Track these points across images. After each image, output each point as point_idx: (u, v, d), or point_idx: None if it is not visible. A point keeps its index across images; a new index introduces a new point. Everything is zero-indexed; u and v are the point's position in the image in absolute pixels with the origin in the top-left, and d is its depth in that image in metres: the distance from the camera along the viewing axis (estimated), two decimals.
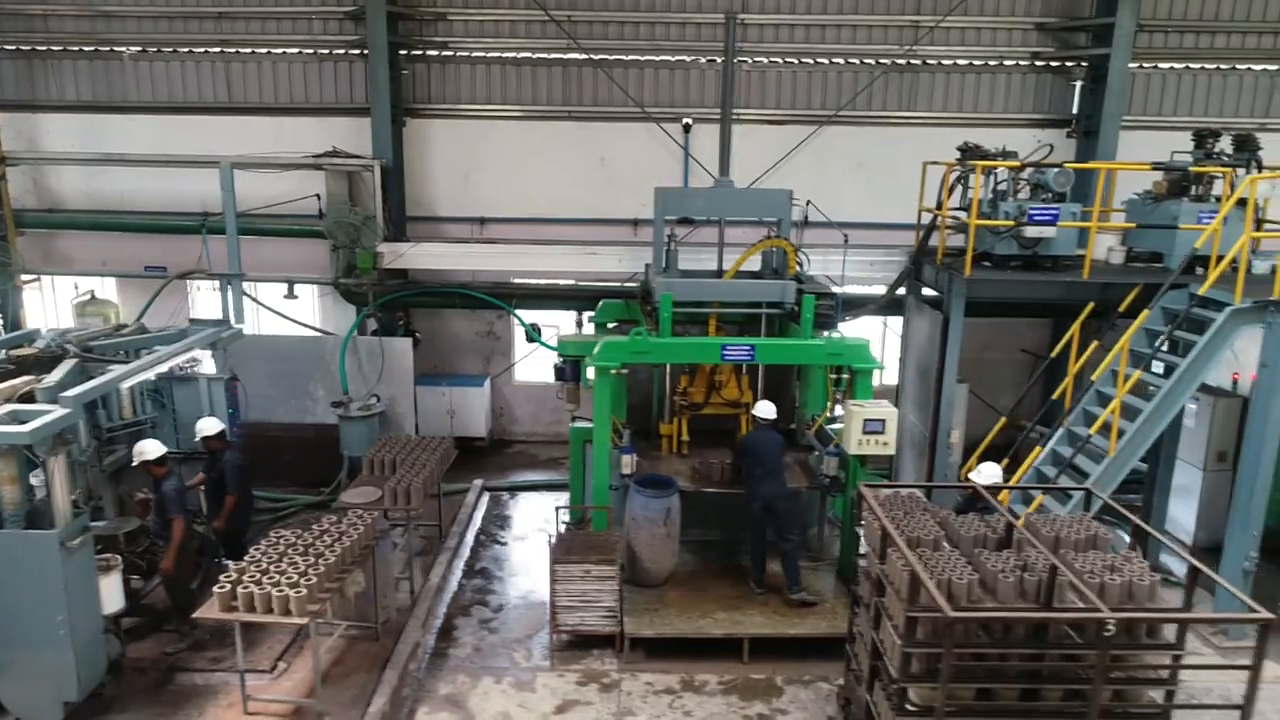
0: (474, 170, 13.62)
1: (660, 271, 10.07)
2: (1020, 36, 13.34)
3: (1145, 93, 13.50)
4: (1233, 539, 8.87)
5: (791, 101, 13.55)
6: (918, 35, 13.12)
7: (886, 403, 8.94)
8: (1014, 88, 13.52)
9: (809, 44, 13.33)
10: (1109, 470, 8.78)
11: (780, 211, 10.04)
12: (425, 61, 13.48)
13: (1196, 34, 13.31)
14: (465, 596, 9.58)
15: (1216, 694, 8.11)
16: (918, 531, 6.75)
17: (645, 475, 9.16)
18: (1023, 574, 6.14)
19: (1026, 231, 9.85)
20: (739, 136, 13.41)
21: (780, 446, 8.84)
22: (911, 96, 13.52)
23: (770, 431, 8.89)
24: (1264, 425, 8.49)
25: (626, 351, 8.80)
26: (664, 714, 7.62)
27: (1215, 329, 8.45)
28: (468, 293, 12.72)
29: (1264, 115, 13.56)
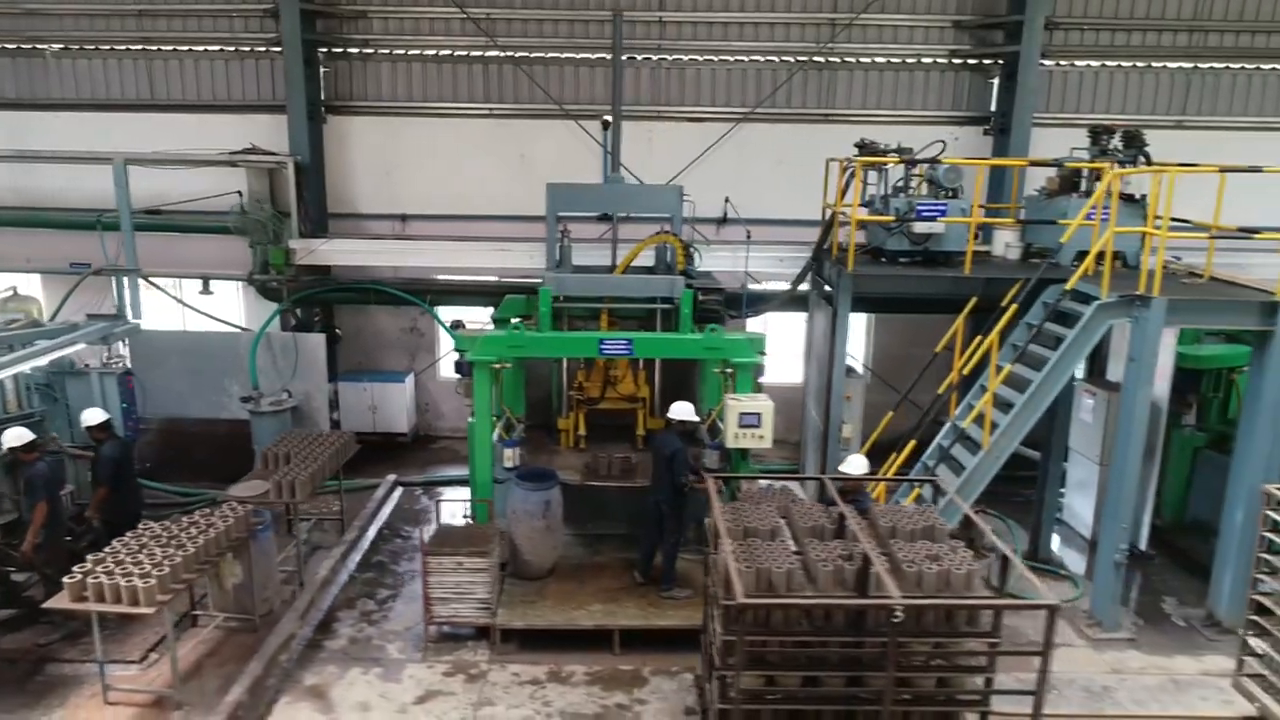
0: (396, 167, 13.69)
1: (553, 267, 10.15)
2: (938, 34, 13.41)
3: (1063, 90, 13.57)
4: (1105, 533, 8.96)
5: (712, 99, 13.61)
6: (834, 33, 13.18)
7: (764, 396, 9.00)
8: (932, 85, 13.58)
9: (727, 41, 13.39)
10: (983, 463, 8.86)
11: (671, 208, 10.13)
12: (346, 59, 13.55)
13: (1112, 31, 13.38)
14: (354, 589, 9.64)
15: (1080, 684, 8.21)
16: (755, 522, 6.83)
17: (526, 469, 9.23)
18: (844, 563, 6.21)
19: (915, 227, 9.95)
20: (662, 133, 13.69)
21: (672, 448, 8.82)
22: (830, 94, 13.59)
23: (667, 433, 8.89)
24: (1130, 420, 8.58)
25: (504, 346, 8.87)
26: (523, 704, 7.69)
27: (1083, 323, 8.53)
28: (382, 289, 12.78)
29: (1181, 113, 13.64)
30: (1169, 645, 8.85)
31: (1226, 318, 8.63)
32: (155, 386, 12.44)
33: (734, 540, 6.57)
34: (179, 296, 13.30)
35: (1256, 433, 8.54)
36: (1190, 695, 8.01)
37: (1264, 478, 8.62)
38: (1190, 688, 8.13)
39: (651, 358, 9.83)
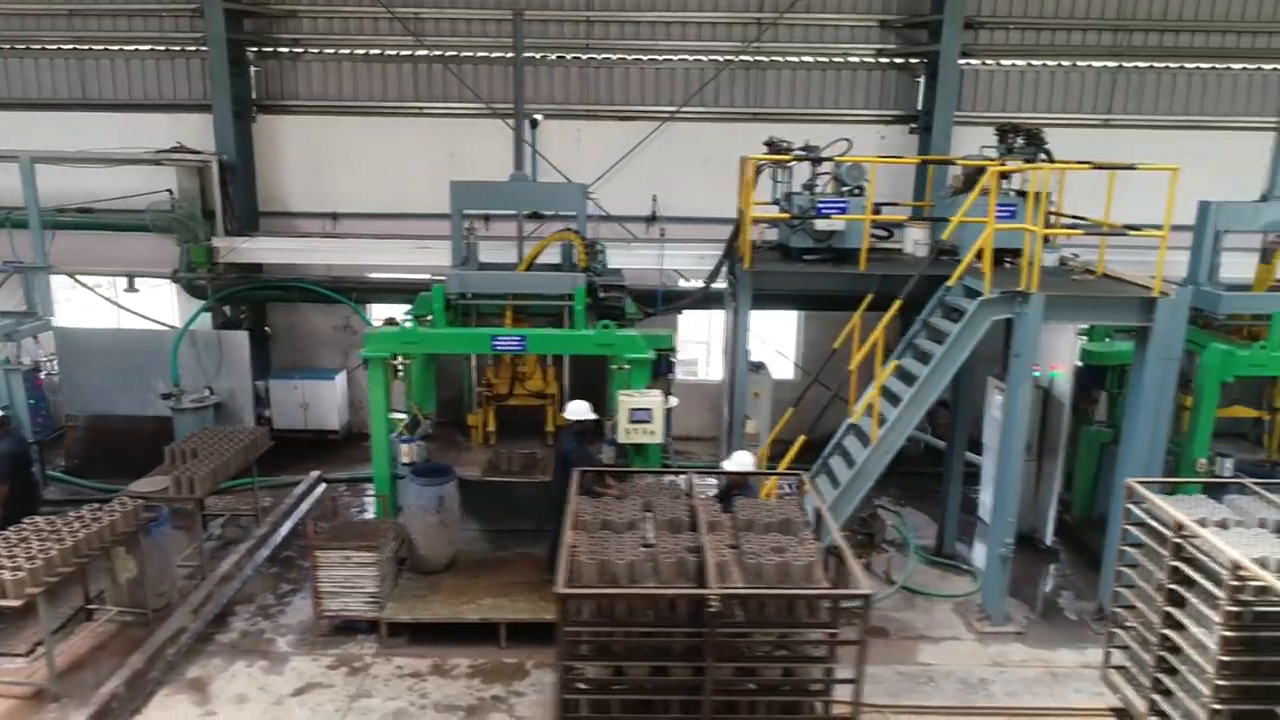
0: (327, 166, 13.77)
1: (459, 265, 10.22)
2: (864, 33, 13.49)
3: (989, 88, 13.66)
4: (992, 527, 9.03)
5: (641, 98, 13.69)
6: (760, 32, 13.26)
7: (657, 392, 9.09)
8: (860, 84, 13.67)
9: (655, 40, 13.47)
10: (871, 457, 8.94)
11: (574, 206, 10.21)
12: (277, 58, 13.62)
13: (1037, 31, 13.46)
14: (257, 584, 9.71)
15: (958, 677, 8.28)
16: (614, 515, 6.91)
17: (423, 464, 9.30)
18: (688, 555, 6.29)
19: (816, 225, 10.02)
20: (590, 132, 13.75)
21: (566, 448, 8.86)
22: (759, 93, 13.67)
23: (565, 432, 8.96)
24: (1014, 414, 8.66)
25: (397, 342, 8.96)
26: (400, 696, 7.77)
27: (966, 319, 8.61)
28: (306, 287, 12.84)
29: (1107, 111, 13.73)
30: (1056, 638, 8.93)
31: (1105, 314, 8.73)
32: (83, 383, 12.53)
33: (588, 533, 6.67)
34: (112, 295, 13.37)
35: (1139, 427, 8.62)
36: (1066, 688, 8.09)
37: (1146, 470, 8.72)
38: (1068, 680, 8.21)
39: (549, 354, 9.88)
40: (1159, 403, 8.52)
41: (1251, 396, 10.46)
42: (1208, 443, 9.31)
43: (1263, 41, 13.44)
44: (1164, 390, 8.52)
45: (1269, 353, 9.08)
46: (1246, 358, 9.08)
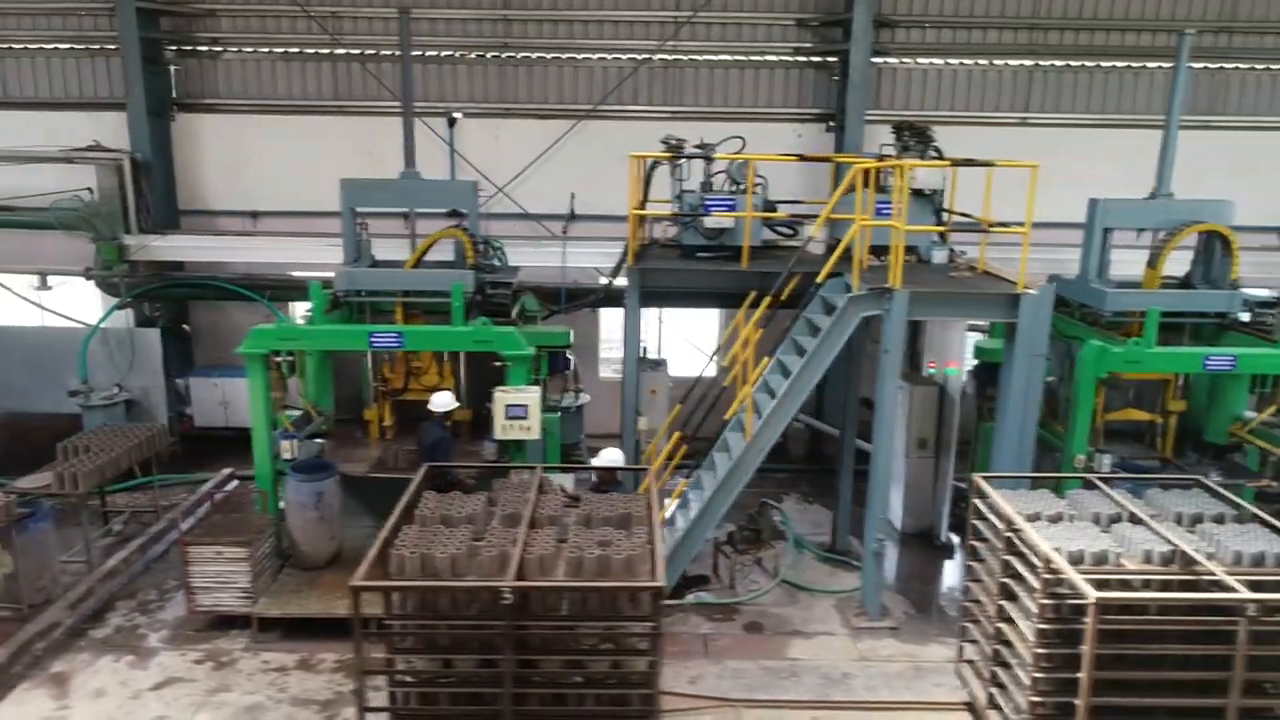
0: (246, 164, 13.80)
1: (351, 262, 10.26)
2: (780, 32, 13.53)
3: (907, 87, 13.70)
4: (868, 523, 9.06)
5: (559, 96, 13.73)
6: (677, 30, 13.30)
7: (535, 389, 9.13)
8: (777, 82, 13.71)
9: (572, 39, 13.51)
10: (747, 452, 8.98)
11: (466, 203, 10.26)
12: (196, 57, 13.66)
13: (954, 29, 13.50)
14: (143, 580, 9.76)
15: (821, 671, 8.31)
16: (454, 510, 6.95)
17: (305, 461, 9.34)
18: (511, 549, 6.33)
19: (706, 222, 10.05)
20: (509, 130, 13.79)
21: (432, 438, 8.93)
22: (677, 91, 13.71)
23: (429, 423, 9.03)
24: (883, 408, 8.70)
25: (274, 339, 8.99)
26: (258, 690, 7.82)
27: (837, 316, 8.65)
28: (218, 285, 12.88)
29: (1024, 110, 13.77)
30: (930, 633, 8.98)
31: (970, 310, 8.77)
32: (1, 381, 12.59)
33: (421, 527, 6.72)
34: (32, 294, 13.40)
35: (1007, 422, 8.66)
36: (927, 682, 8.13)
37: (1017, 465, 8.78)
38: (930, 674, 8.25)
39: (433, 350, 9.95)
40: (1026, 398, 8.56)
41: (1147, 400, 10.53)
42: (1086, 439, 9.35)
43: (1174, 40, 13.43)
44: (1031, 385, 8.56)
45: (1143, 349, 9.11)
46: (1121, 354, 9.10)
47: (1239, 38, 13.49)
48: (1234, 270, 10.12)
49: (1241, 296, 9.99)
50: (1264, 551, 6.17)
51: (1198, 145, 13.64)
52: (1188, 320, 10.32)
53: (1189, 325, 10.45)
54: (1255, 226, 13.59)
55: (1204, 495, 7.23)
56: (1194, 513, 6.88)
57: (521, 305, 11.14)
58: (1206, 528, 6.63)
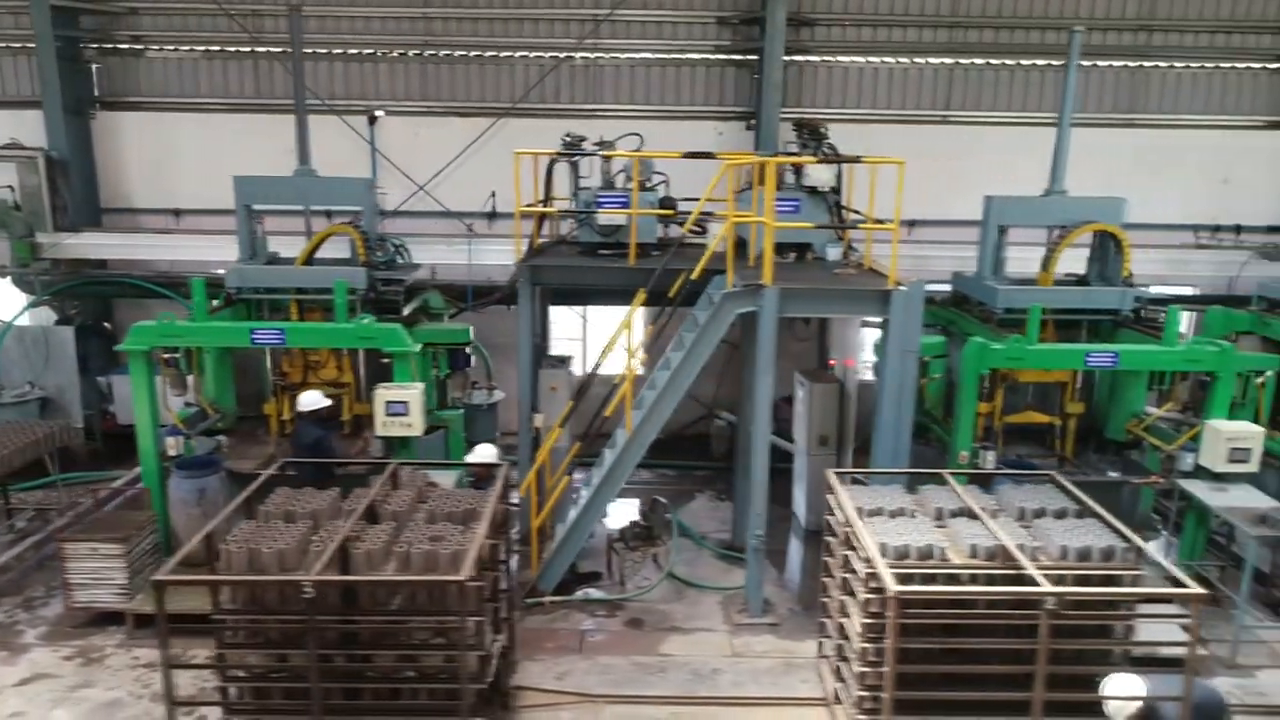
0: (168, 162, 13.80)
1: (246, 259, 10.28)
2: (700, 30, 13.54)
3: (828, 85, 13.72)
4: (750, 520, 9.06)
5: (481, 94, 13.74)
6: (596, 27, 13.31)
7: (417, 386, 9.14)
8: (698, 80, 13.72)
9: (492, 37, 13.53)
10: (628, 449, 9.00)
11: (361, 200, 10.28)
12: (118, 55, 13.67)
13: (874, 27, 13.52)
14: (34, 576, 9.77)
15: (691, 668, 8.31)
16: (297, 506, 6.97)
17: (190, 458, 9.36)
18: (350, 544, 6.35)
19: (600, 219, 10.08)
20: (430, 128, 13.80)
21: (310, 437, 8.91)
22: (598, 89, 13.72)
23: (303, 423, 9.03)
24: (756, 404, 8.71)
25: (155, 335, 9.00)
26: (122, 686, 7.83)
27: (713, 312, 8.67)
28: (132, 282, 12.89)
29: (945, 108, 13.78)
30: (810, 629, 8.94)
31: (842, 306, 8.78)
32: None
33: (261, 522, 6.75)
34: None
35: (883, 418, 8.68)
36: (794, 678, 8.12)
37: (893, 461, 8.79)
38: (801, 670, 8.23)
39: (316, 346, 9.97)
40: (901, 394, 8.57)
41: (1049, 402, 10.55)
42: (970, 436, 9.36)
43: (1097, 38, 13.48)
44: (905, 382, 8.56)
45: (1023, 345, 9.12)
46: (1003, 351, 9.12)
47: (1159, 35, 13.49)
48: (1125, 268, 10.13)
49: (1132, 294, 9.99)
50: (1090, 546, 6.20)
51: (1119, 143, 13.78)
52: (1084, 318, 10.36)
53: (1086, 323, 10.50)
54: (1174, 225, 13.68)
55: (1054, 491, 7.25)
56: (1037, 508, 6.91)
57: (425, 302, 11.16)
58: (1044, 523, 6.65)
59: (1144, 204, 13.62)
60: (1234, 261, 12.77)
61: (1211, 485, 9.15)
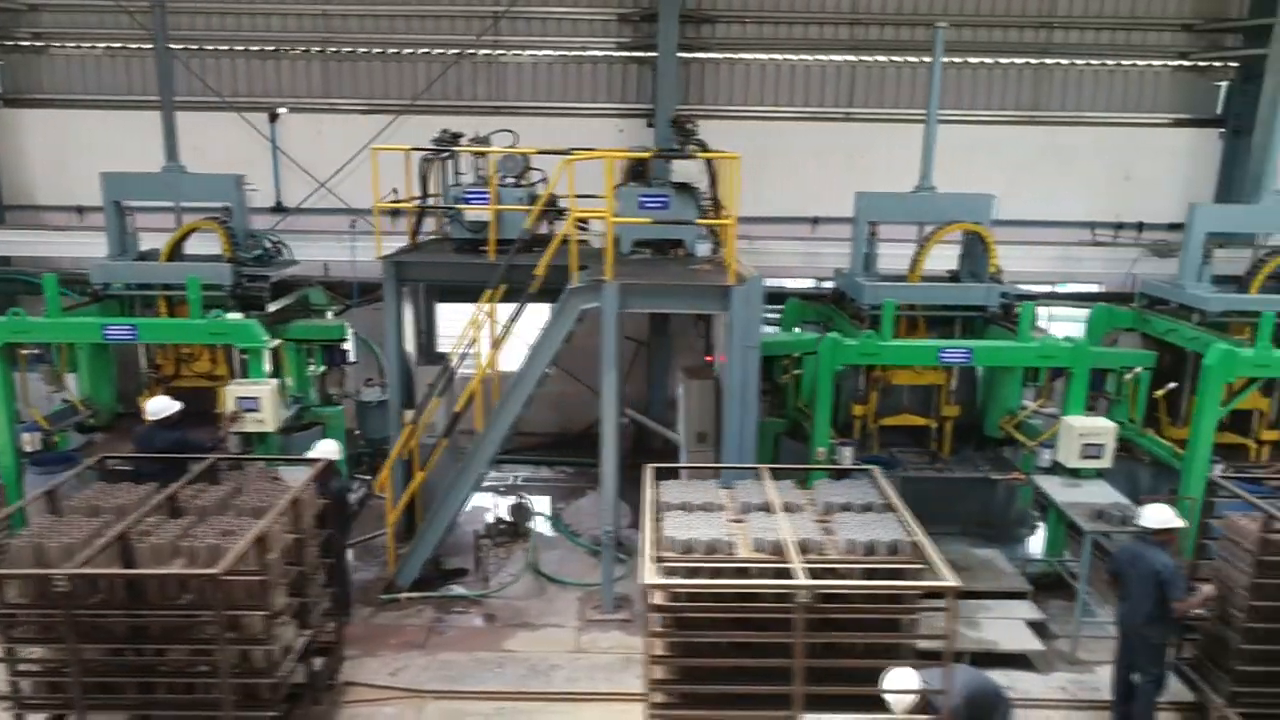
0: (72, 159, 13.76)
1: (117, 255, 10.27)
2: (601, 27, 13.53)
3: (730, 81, 13.72)
4: (602, 516, 9.06)
5: (385, 91, 13.73)
6: (494, 23, 13.29)
7: (271, 382, 9.14)
8: (600, 77, 13.72)
9: (393, 33, 13.52)
10: (482, 445, 9.01)
11: (229, 197, 10.27)
12: (20, 52, 13.67)
13: (775, 24, 13.51)
14: None
15: (530, 663, 8.31)
16: (105, 501, 6.96)
17: (50, 454, 9.36)
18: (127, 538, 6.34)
19: (467, 215, 10.08)
20: (332, 125, 13.79)
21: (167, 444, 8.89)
22: (500, 86, 13.71)
23: (158, 431, 8.97)
24: (608, 401, 8.70)
25: (7, 331, 9.00)
26: None
27: (559, 307, 8.67)
28: (19, 278, 12.89)
29: (848, 105, 13.77)
30: None
31: (683, 302, 8.78)
32: None
33: (58, 517, 6.75)
34: None
35: (731, 414, 8.67)
36: (630, 673, 8.10)
37: (739, 456, 8.77)
38: (637, 665, 8.19)
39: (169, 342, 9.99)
40: (744, 389, 8.56)
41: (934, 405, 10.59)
42: (827, 433, 9.37)
43: (999, 35, 13.49)
44: (747, 377, 8.55)
45: (876, 341, 9.13)
46: (857, 347, 9.13)
47: (1059, 33, 13.49)
48: (992, 264, 10.13)
49: (998, 290, 10.00)
50: (875, 540, 6.19)
51: (1022, 140, 13.80)
52: (954, 314, 10.38)
53: (960, 320, 10.52)
54: (1075, 222, 13.69)
55: (869, 487, 7.25)
56: (845, 503, 6.90)
57: (305, 298, 11.15)
58: (845, 517, 6.65)
59: (1047, 201, 13.75)
60: (1127, 259, 12.77)
61: (1065, 481, 9.16)
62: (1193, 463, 9.35)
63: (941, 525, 10.01)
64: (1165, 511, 7.00)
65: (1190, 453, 9.40)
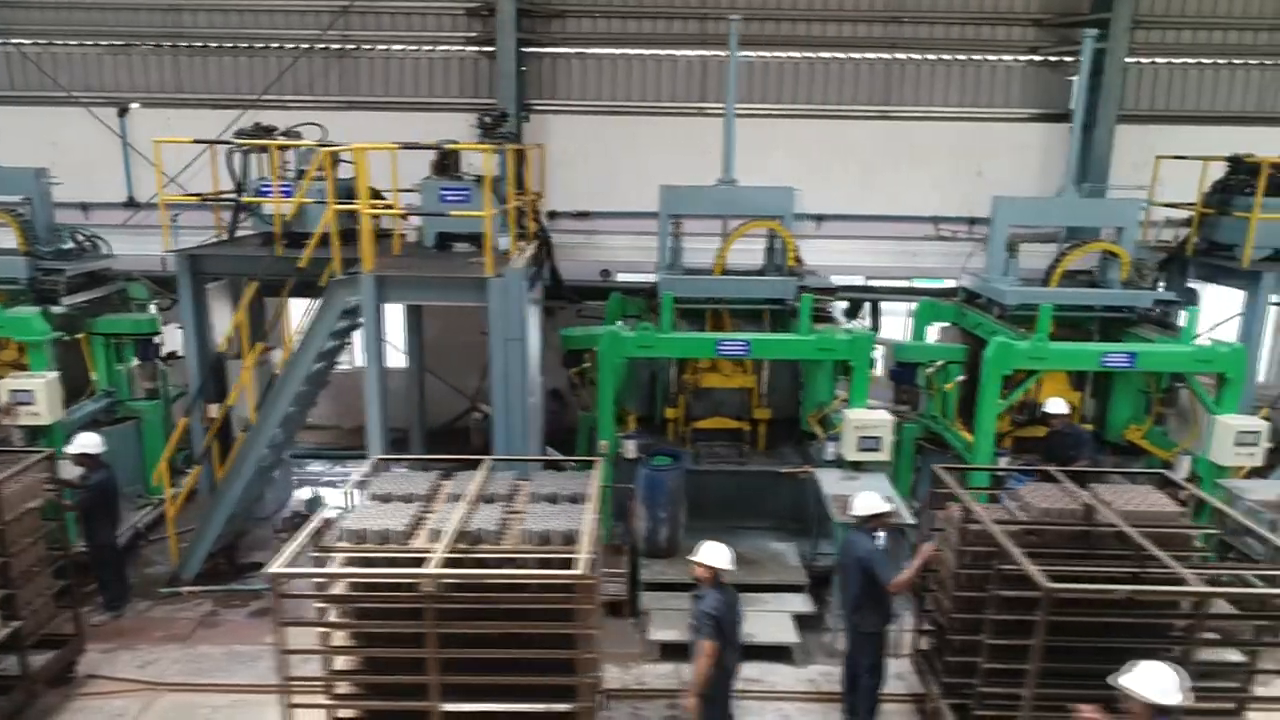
0: None
1: None
2: (450, 22, 13.51)
3: (583, 76, 13.69)
4: None
5: (236, 86, 13.71)
6: (344, 18, 13.26)
7: (46, 375, 9.13)
8: (451, 73, 13.69)
9: (243, 28, 13.50)
10: (253, 438, 8.99)
11: (29, 190, 10.27)
12: None
13: (624, 19, 13.48)
14: None
15: None
16: None
17: None
18: None
19: (265, 208, 10.06)
20: (182, 120, 13.75)
21: None
22: (353, 81, 13.69)
23: None
24: (371, 394, 8.68)
25: None
26: None
27: (324, 300, 8.66)
28: None
29: (700, 100, 13.75)
30: None
31: (442, 294, 8.76)
32: None
33: None
34: None
35: (495, 404, 8.66)
36: None
37: (505, 449, 8.76)
38: None
39: None
40: (507, 381, 8.54)
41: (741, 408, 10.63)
42: (610, 427, 9.36)
43: (848, 30, 13.48)
44: (510, 368, 8.53)
45: (654, 334, 9.12)
46: (634, 339, 9.12)
47: (909, 27, 13.47)
48: (790, 258, 10.12)
49: (794, 283, 9.98)
50: (550, 530, 6.17)
51: (873, 135, 13.79)
52: (756, 307, 10.39)
53: (770, 314, 10.53)
54: (923, 217, 13.67)
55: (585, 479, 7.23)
56: (551, 493, 6.89)
57: (124, 292, 11.13)
58: (537, 507, 6.63)
59: (899, 196, 13.72)
60: (964, 253, 12.76)
61: (845, 475, 9.13)
62: (977, 454, 9.38)
63: (754, 520, 10.13)
64: (873, 498, 7.02)
65: (976, 444, 9.42)
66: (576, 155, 13.66)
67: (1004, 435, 10.54)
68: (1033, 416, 10.19)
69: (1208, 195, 11.00)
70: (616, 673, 8.06)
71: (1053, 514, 6.74)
